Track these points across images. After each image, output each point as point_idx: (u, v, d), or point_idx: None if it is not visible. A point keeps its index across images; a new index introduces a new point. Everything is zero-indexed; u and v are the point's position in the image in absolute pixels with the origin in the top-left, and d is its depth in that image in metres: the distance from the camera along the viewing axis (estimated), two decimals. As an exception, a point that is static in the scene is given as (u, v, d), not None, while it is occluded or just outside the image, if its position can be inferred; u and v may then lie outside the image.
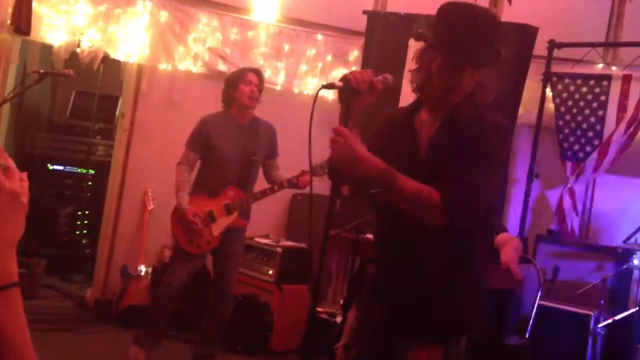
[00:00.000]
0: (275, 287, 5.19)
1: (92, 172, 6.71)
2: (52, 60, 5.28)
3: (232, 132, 4.33)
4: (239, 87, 4.31)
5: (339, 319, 5.07)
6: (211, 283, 4.60)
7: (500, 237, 4.12)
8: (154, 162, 5.62)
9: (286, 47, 5.91)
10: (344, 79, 2.24)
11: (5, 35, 5.03)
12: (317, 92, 2.25)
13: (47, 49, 5.34)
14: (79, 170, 6.77)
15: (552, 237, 5.17)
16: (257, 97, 4.37)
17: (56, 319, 5.22)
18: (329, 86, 2.30)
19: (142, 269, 5.48)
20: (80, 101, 7.03)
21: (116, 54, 5.45)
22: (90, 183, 6.69)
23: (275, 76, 5.90)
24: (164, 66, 5.62)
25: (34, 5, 4.97)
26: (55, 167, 6.78)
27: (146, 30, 5.51)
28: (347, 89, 2.25)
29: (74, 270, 6.52)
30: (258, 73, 4.46)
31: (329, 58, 6.00)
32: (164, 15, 5.55)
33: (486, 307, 2.55)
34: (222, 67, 5.75)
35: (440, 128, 2.32)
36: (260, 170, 4.49)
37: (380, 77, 2.29)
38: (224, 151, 4.29)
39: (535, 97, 5.48)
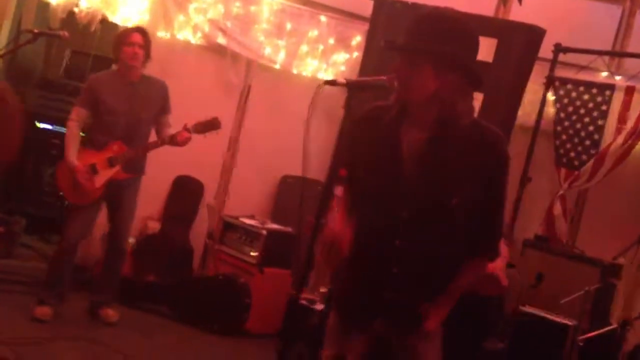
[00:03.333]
0: (256, 269, 5.13)
1: (81, 134, 6.58)
2: (48, 18, 5.12)
3: (119, 89, 4.51)
4: (122, 48, 4.47)
5: (318, 306, 5.04)
6: (107, 236, 4.82)
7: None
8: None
9: (288, 26, 5.78)
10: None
11: (1, -10, 4.90)
12: (318, 89, 2.17)
13: (43, 6, 5.19)
14: (67, 131, 6.64)
15: (539, 243, 5.12)
16: (141, 58, 4.49)
17: (31, 281, 5.13)
18: (331, 83, 2.22)
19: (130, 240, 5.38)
20: (75, 60, 6.87)
21: (114, 17, 5.32)
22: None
23: (275, 54, 5.79)
24: (162, 34, 5.49)
25: (33, -40, 4.84)
26: (43, 125, 6.64)
27: (147, -5, 5.38)
28: (352, 87, 2.18)
29: (54, 232, 6.42)
30: (143, 32, 4.58)
31: (331, 41, 5.88)
32: (166, -18, 5.42)
33: None
34: (221, 40, 5.63)
35: (429, 146, 2.18)
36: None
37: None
38: (110, 106, 4.46)
39: (535, 100, 5.41)
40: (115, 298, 4.76)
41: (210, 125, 4.46)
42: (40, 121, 6.63)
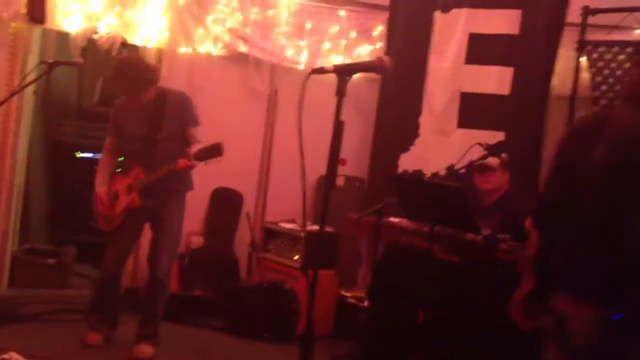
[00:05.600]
0: (301, 273, 5.08)
1: (120, 159, 6.67)
2: (69, 48, 5.18)
3: (135, 112, 4.33)
4: None
5: (366, 304, 4.96)
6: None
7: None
8: (177, 147, 5.53)
9: (308, 25, 5.74)
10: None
11: (21, 25, 4.97)
12: (306, 78, 2.13)
13: (64, 37, 5.25)
14: (107, 157, 6.74)
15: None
16: None
17: (85, 308, 5.18)
18: (319, 71, 2.18)
19: (170, 256, 5.41)
20: (107, 88, 6.98)
21: (134, 39, 5.35)
22: (118, 170, 6.65)
23: (298, 55, 5.74)
24: (183, 50, 5.51)
25: (48, -9, 4.90)
26: (84, 154, 6.77)
27: (164, 13, 5.40)
28: (341, 72, 2.12)
29: (105, 258, 6.51)
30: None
31: (353, 34, 5.81)
32: (182, -3, 5.43)
33: None
34: (242, 48, 5.62)
35: None
36: None
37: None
38: (129, 132, 4.35)
39: (569, 67, 5.20)
40: (153, 334, 4.41)
41: (212, 152, 4.07)
42: (81, 151, 6.76)
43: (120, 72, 4.19)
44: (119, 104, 4.48)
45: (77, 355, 4.32)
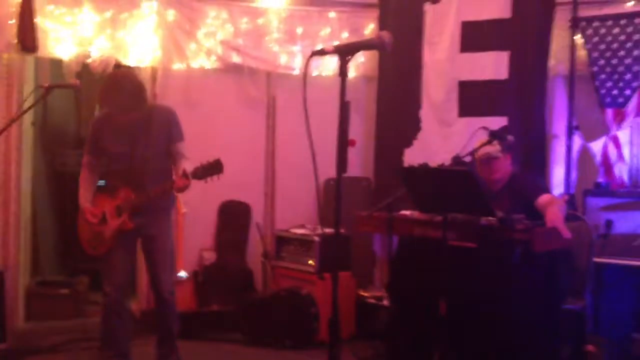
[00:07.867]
0: (317, 277, 5.04)
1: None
2: (63, 74, 5.17)
3: (118, 129, 3.99)
4: None
5: (386, 302, 4.91)
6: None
7: (543, 199, 3.91)
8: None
9: (299, 30, 5.74)
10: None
11: (13, 56, 4.96)
12: (308, 60, 2.11)
13: (57, 63, 5.23)
14: (111, 183, 6.71)
15: (601, 190, 4.87)
16: None
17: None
18: (320, 52, 2.16)
19: (183, 274, 5.36)
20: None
21: (127, 60, 5.33)
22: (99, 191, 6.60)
23: (292, 61, 5.74)
24: (177, 66, 5.49)
25: (38, 20, 4.88)
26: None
27: (155, 31, 5.39)
28: (341, 52, 2.11)
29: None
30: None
31: (345, 34, 5.81)
32: (171, 14, 5.42)
33: None
34: (236, 59, 5.62)
35: None
36: None
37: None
38: (112, 150, 4.02)
39: (565, 46, 5.17)
40: (172, 353, 4.24)
41: (211, 169, 3.81)
42: (84, 179, 6.72)
43: (118, 85, 3.89)
44: (98, 121, 4.13)
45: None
